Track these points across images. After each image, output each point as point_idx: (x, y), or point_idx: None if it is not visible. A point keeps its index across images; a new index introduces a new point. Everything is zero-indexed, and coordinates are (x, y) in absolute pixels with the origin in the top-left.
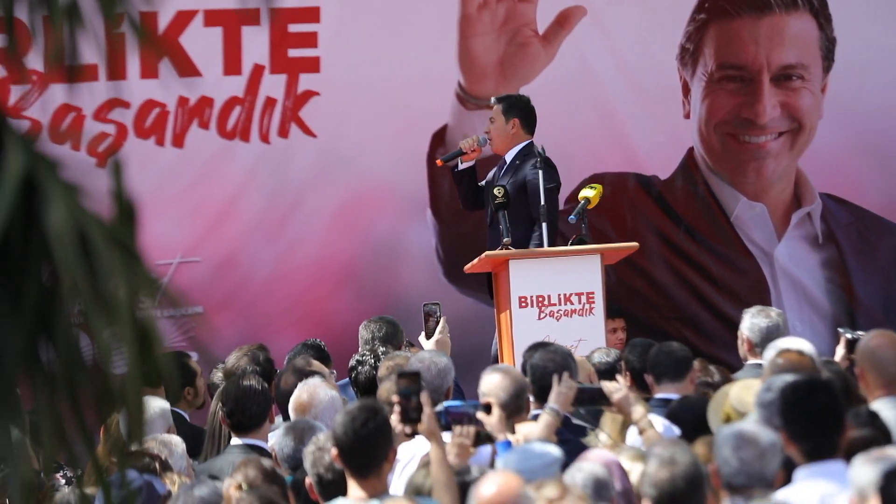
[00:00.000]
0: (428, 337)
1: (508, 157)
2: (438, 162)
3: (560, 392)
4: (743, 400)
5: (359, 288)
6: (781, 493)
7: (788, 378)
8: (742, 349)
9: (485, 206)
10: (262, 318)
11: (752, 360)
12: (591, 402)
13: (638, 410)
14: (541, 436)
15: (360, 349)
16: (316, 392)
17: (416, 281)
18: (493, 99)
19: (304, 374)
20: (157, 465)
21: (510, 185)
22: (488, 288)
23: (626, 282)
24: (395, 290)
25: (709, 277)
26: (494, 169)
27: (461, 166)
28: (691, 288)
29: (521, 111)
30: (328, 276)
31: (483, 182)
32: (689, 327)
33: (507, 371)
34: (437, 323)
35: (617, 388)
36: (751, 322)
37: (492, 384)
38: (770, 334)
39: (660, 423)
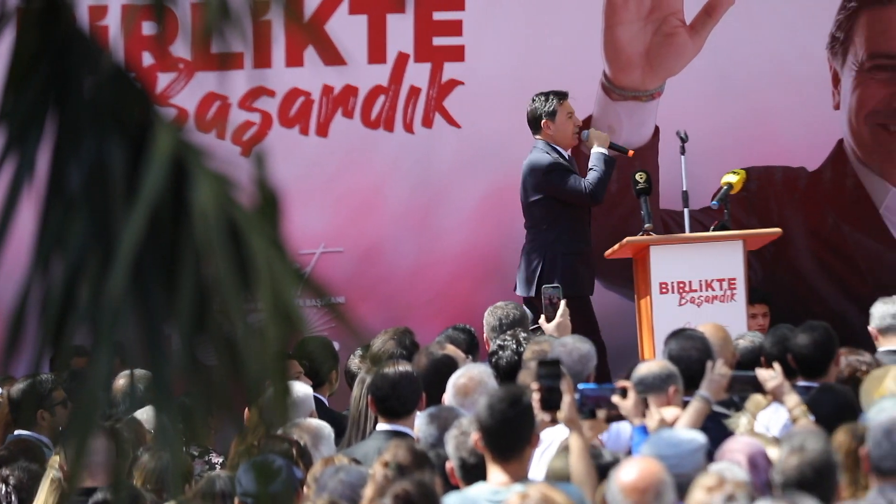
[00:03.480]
0: (549, 321)
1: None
2: (630, 153)
3: (713, 380)
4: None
5: (502, 280)
6: None
7: None
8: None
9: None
10: (405, 310)
11: (880, 348)
12: (745, 390)
13: (792, 398)
14: (689, 423)
15: (485, 335)
16: (482, 378)
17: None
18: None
19: (435, 358)
20: (295, 451)
21: None
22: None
23: (772, 275)
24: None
25: (857, 271)
26: (553, 159)
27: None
28: (839, 281)
29: None
30: (471, 267)
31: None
32: (836, 321)
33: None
34: (558, 307)
35: (772, 375)
36: (873, 310)
37: (638, 371)
38: (887, 319)
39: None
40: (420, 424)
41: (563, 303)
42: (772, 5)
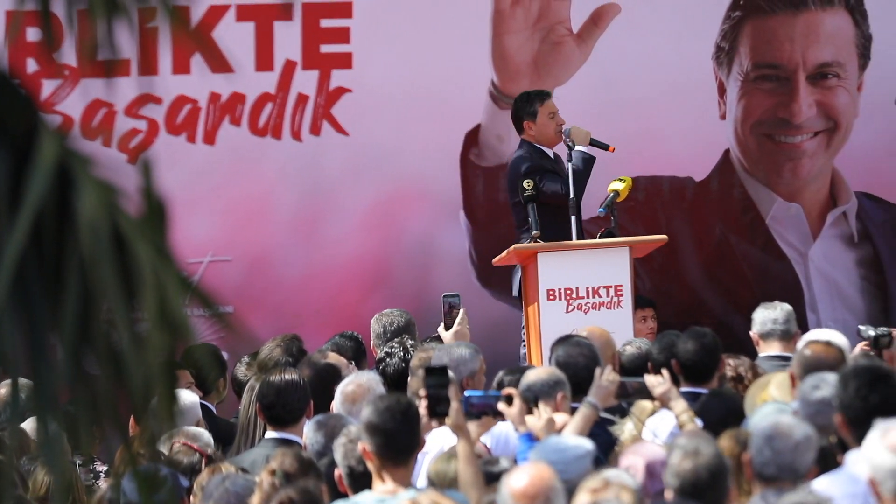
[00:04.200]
0: (447, 328)
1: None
2: (611, 148)
3: (601, 386)
4: (782, 395)
5: (391, 289)
6: (827, 477)
7: (834, 375)
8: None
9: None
10: (293, 319)
11: (760, 353)
12: (633, 396)
13: (679, 404)
14: (576, 429)
15: (371, 342)
16: (371, 385)
17: (448, 283)
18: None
19: (318, 366)
20: (205, 461)
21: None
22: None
23: (660, 285)
24: (427, 291)
25: (744, 281)
26: (531, 162)
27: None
28: (726, 292)
29: None
30: (360, 276)
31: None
32: (722, 330)
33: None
34: (457, 315)
35: (660, 382)
36: (755, 315)
37: (526, 378)
38: (768, 324)
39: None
40: (307, 432)
41: (461, 311)
42: (658, 15)
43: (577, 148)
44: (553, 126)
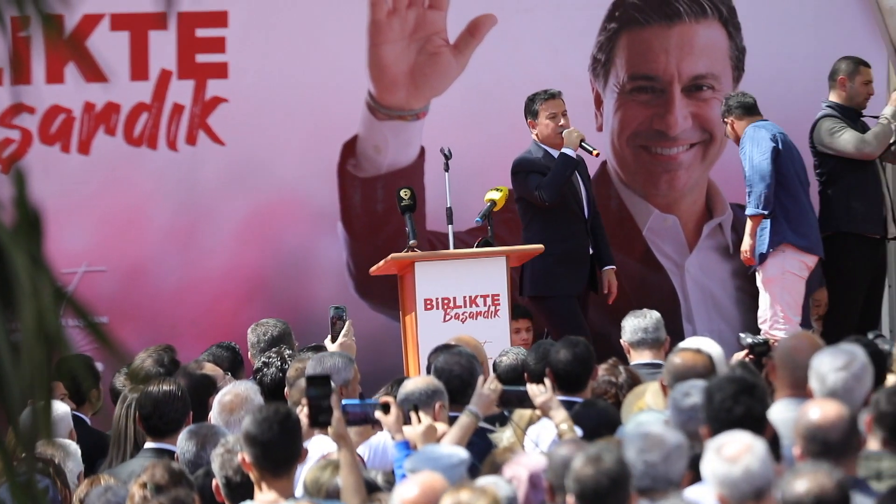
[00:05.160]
0: (333, 340)
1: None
2: (595, 153)
3: (483, 395)
4: (657, 403)
5: (267, 300)
6: (699, 485)
7: (704, 382)
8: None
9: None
10: (169, 329)
11: (632, 361)
12: (515, 405)
13: (560, 414)
14: (455, 438)
15: (249, 352)
16: (248, 394)
17: (326, 295)
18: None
19: (194, 376)
20: (52, 469)
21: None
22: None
23: None
24: (304, 303)
25: (621, 292)
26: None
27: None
28: (603, 302)
29: None
30: (236, 287)
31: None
32: (600, 342)
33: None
34: (342, 327)
35: (542, 391)
36: (624, 323)
37: (404, 387)
38: (638, 333)
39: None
40: (180, 442)
41: (347, 323)
42: (534, 26)
43: (565, 150)
44: (552, 126)
